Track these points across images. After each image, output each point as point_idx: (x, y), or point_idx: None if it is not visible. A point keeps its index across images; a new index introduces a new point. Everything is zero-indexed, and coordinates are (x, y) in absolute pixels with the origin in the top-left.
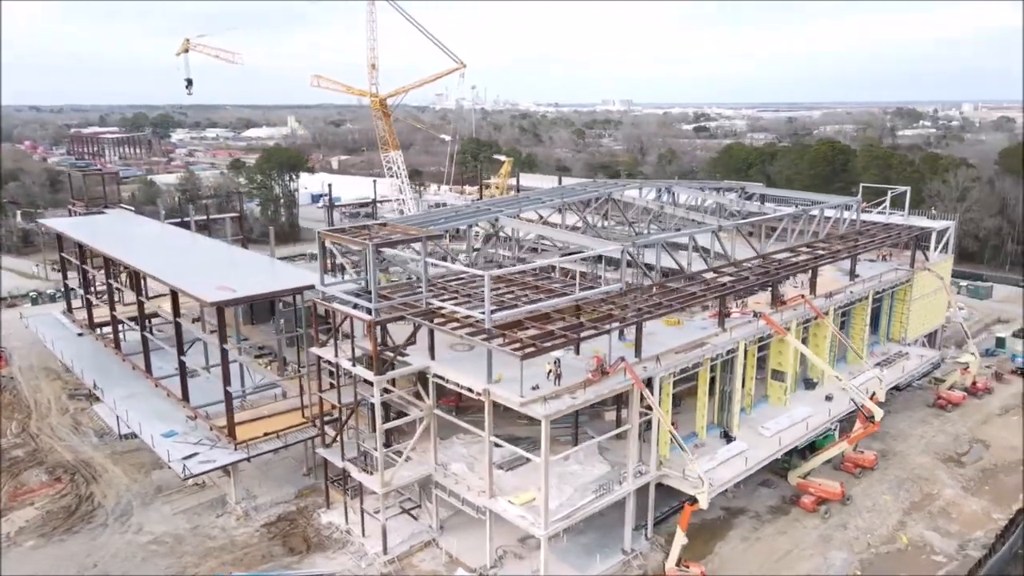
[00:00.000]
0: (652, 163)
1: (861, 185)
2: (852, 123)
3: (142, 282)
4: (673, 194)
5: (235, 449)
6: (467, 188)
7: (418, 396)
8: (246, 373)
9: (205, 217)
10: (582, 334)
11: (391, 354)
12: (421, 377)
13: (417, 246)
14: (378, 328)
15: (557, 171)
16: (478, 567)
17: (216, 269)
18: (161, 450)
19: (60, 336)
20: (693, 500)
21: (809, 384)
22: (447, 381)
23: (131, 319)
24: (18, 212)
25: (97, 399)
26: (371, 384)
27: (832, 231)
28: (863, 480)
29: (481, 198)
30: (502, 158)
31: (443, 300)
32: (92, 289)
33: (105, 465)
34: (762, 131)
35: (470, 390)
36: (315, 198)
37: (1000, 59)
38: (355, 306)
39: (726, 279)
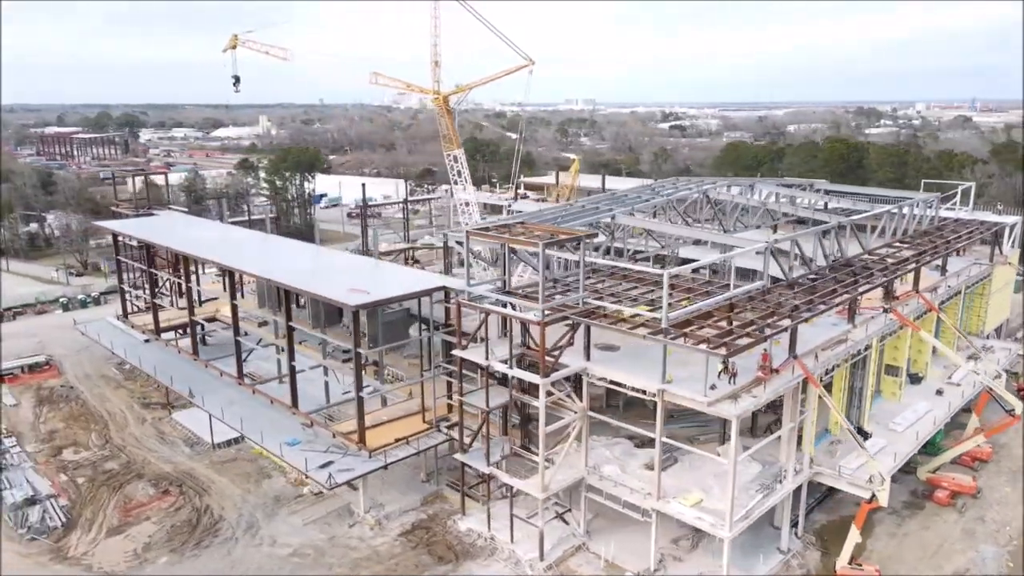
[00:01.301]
0: (647, 162)
1: (923, 182)
2: (818, 122)
3: (236, 284)
4: (759, 192)
5: (370, 457)
6: (490, 189)
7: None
8: (332, 378)
9: (248, 217)
10: (766, 331)
11: (551, 357)
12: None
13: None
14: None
15: (603, 170)
16: (640, 570)
17: (324, 271)
18: (296, 460)
19: (124, 343)
20: (871, 498)
21: (914, 379)
22: (610, 383)
23: (207, 320)
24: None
25: (174, 407)
26: (506, 386)
27: (916, 227)
28: (982, 473)
29: (516, 199)
30: (571, 156)
31: (596, 300)
32: (159, 292)
33: (210, 476)
34: (735, 130)
35: (643, 392)
36: (316, 199)
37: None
38: (512, 307)
39: (850, 275)
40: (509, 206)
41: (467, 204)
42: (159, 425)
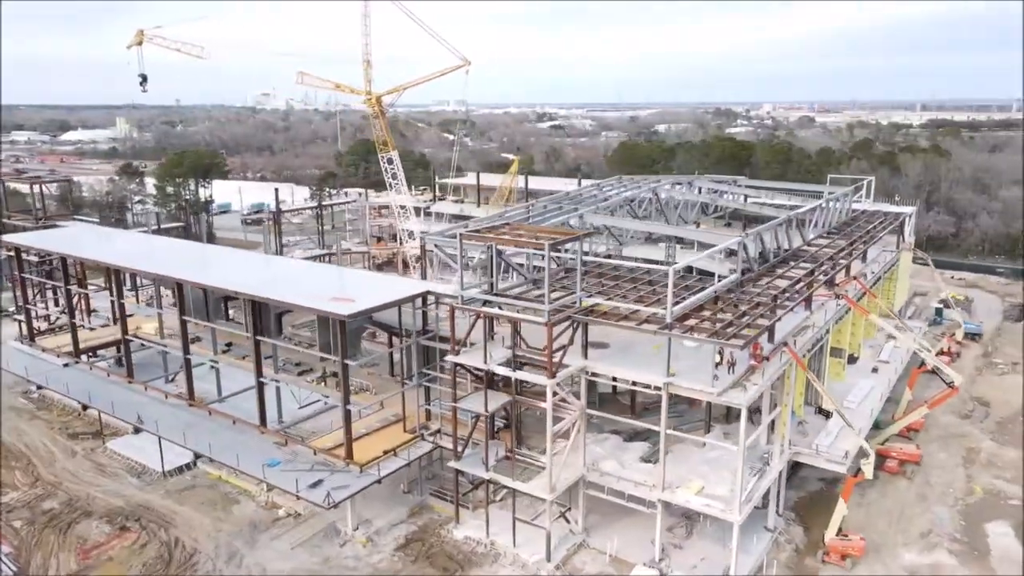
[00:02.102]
0: (539, 163)
1: (829, 176)
2: (684, 122)
3: (174, 297)
4: (696, 189)
5: (361, 472)
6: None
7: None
8: (286, 392)
9: (157, 227)
10: (761, 320)
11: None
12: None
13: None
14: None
15: (498, 170)
16: (646, 561)
17: (290, 280)
18: (284, 482)
19: (38, 369)
20: (856, 472)
21: (851, 359)
22: (614, 379)
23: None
24: None
25: (106, 436)
26: (498, 390)
27: (838, 219)
28: (915, 441)
29: (435, 199)
30: (510, 156)
31: (594, 297)
32: (78, 311)
33: (169, 507)
34: (609, 130)
35: (647, 386)
36: (220, 207)
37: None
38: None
39: (805, 265)
40: (427, 208)
41: (403, 208)
42: (94, 456)
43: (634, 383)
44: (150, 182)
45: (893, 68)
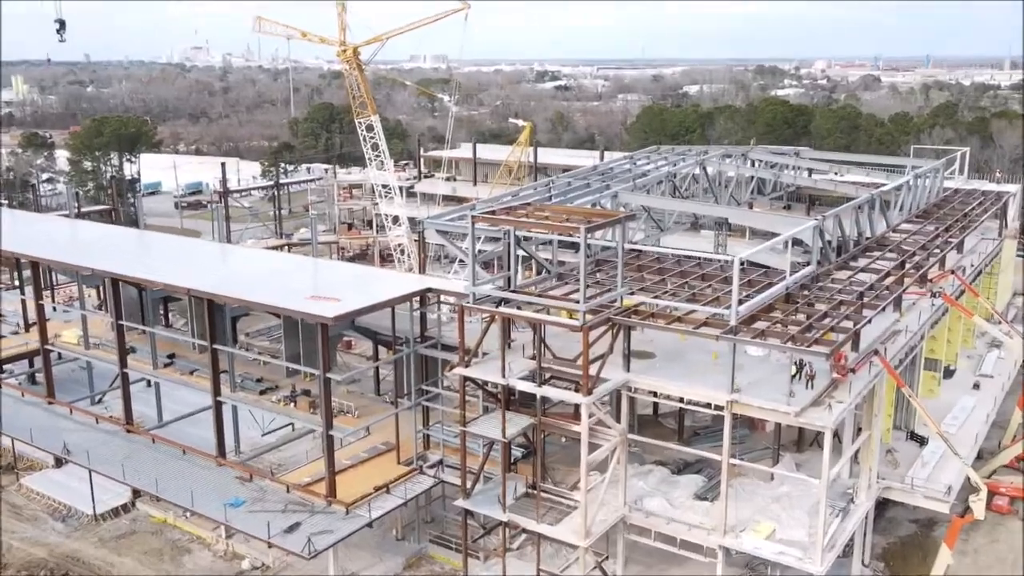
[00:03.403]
0: (545, 131)
1: (913, 147)
2: (719, 82)
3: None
4: (751, 162)
5: (347, 513)
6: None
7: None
8: (245, 415)
9: (78, 210)
10: (855, 323)
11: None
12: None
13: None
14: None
15: (492, 140)
16: None
17: (256, 275)
18: (253, 527)
19: None
20: (964, 512)
21: (947, 373)
22: (653, 395)
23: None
24: None
25: (19, 471)
26: (525, 410)
27: (927, 200)
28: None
29: (421, 177)
30: (519, 122)
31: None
32: None
33: (106, 558)
34: (628, 91)
35: (706, 405)
36: (148, 187)
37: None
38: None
39: (891, 256)
40: (411, 188)
41: (386, 187)
42: (6, 496)
43: (688, 401)
44: (61, 155)
45: (973, 16)
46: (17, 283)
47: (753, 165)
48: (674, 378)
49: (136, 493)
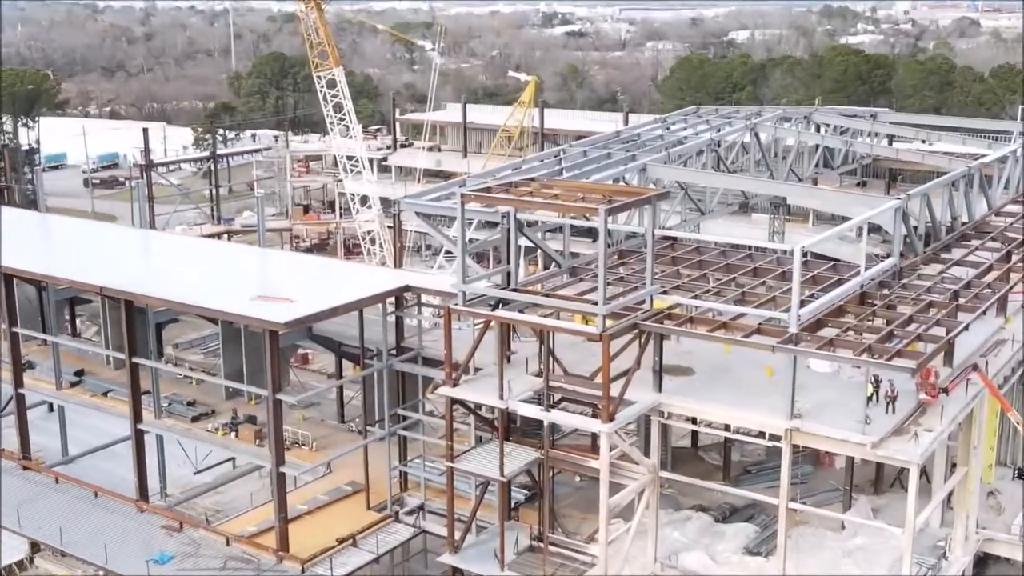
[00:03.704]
0: (554, 88)
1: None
2: (775, 27)
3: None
4: (816, 127)
5: (303, 572)
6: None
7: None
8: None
9: None
10: (947, 330)
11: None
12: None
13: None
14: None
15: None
16: None
17: (189, 271)
18: None
19: None
20: None
21: None
22: (704, 424)
23: None
24: None
25: None
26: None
27: None
28: None
29: (396, 147)
30: (521, 76)
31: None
32: None
33: None
34: (660, 38)
35: (759, 434)
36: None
37: None
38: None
39: (992, 246)
40: (384, 160)
41: (353, 159)
42: None
43: (736, 430)
44: None
45: None
46: None
47: (818, 131)
48: (718, 400)
49: (35, 547)
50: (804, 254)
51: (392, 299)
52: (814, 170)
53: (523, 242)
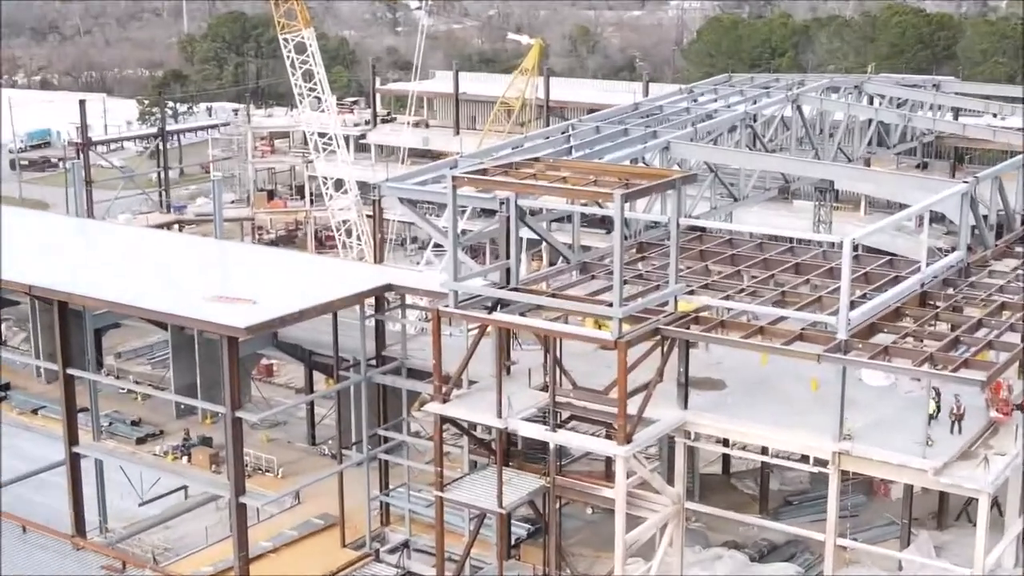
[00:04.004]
0: (561, 53)
1: None
2: None
3: None
4: (869, 98)
5: None
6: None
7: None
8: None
9: None
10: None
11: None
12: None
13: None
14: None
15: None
16: None
17: (132, 267)
18: None
19: None
20: None
21: None
22: (737, 446)
23: None
24: None
25: None
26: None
27: None
28: None
29: (376, 122)
30: (523, 40)
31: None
32: None
33: None
34: None
35: (804, 459)
36: None
37: None
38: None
39: None
40: (362, 137)
41: (326, 137)
42: None
43: (775, 453)
44: None
45: None
46: None
47: (871, 103)
48: (754, 419)
49: None
50: (855, 247)
51: (371, 300)
52: (866, 149)
53: (525, 233)
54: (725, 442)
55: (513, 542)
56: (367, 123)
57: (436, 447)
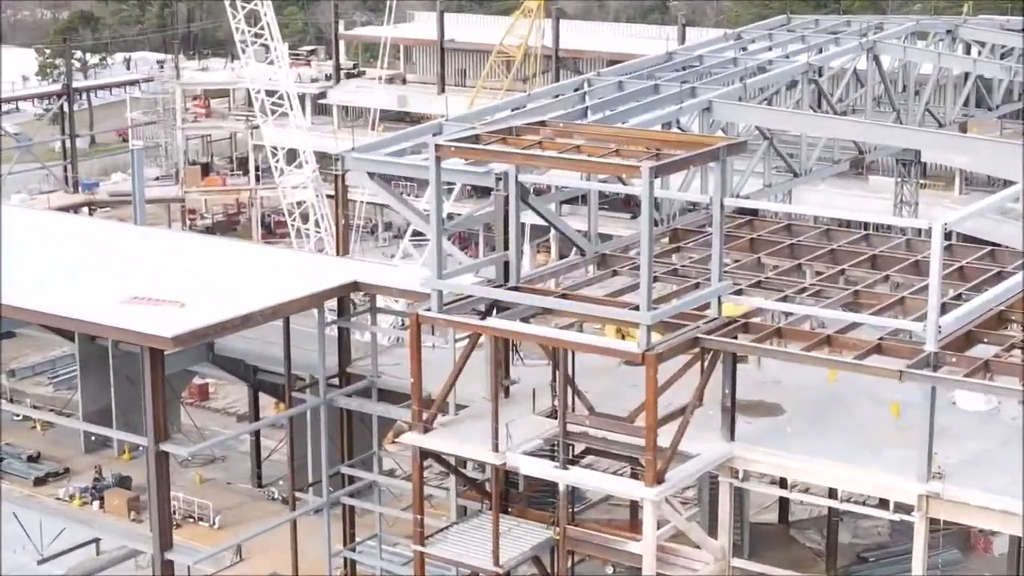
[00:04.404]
0: None
1: None
2: None
3: None
4: (965, 46)
5: None
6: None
7: None
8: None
9: None
10: None
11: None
12: None
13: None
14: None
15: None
16: None
17: (30, 260)
18: None
19: None
20: None
21: None
22: (798, 488)
23: None
24: None
25: None
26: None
27: None
28: None
29: (339, 77)
30: None
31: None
32: None
33: None
34: None
35: (883, 504)
36: None
37: None
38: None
39: None
40: (323, 96)
41: (275, 95)
42: None
43: (846, 497)
44: None
45: None
46: None
47: (968, 52)
48: (819, 452)
49: None
50: (947, 235)
51: (333, 303)
52: (962, 111)
53: (528, 218)
54: (783, 483)
55: None
56: (328, 78)
57: (415, 489)
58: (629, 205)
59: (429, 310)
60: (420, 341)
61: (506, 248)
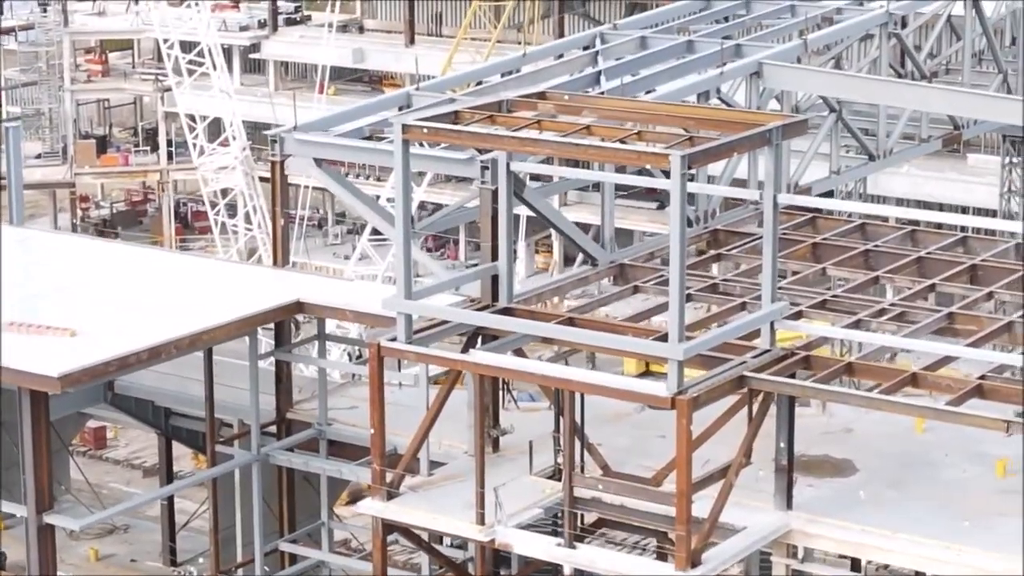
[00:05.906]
0: None
1: None
2: None
3: None
4: None
5: None
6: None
7: None
8: None
9: None
10: None
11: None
12: None
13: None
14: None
15: None
16: None
17: None
18: None
19: None
20: None
21: None
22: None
23: None
24: None
25: None
26: None
27: None
28: None
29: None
30: None
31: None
32: None
33: None
34: None
35: None
36: None
37: None
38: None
39: None
40: (255, 49)
41: (192, 51)
42: None
43: None
44: None
45: None
46: None
47: None
48: (901, 525)
49: None
50: None
51: (270, 327)
52: None
53: (523, 213)
54: (854, 565)
55: None
56: (262, 25)
57: (377, 571)
58: (654, 192)
59: (394, 339)
60: (382, 379)
61: (495, 258)
